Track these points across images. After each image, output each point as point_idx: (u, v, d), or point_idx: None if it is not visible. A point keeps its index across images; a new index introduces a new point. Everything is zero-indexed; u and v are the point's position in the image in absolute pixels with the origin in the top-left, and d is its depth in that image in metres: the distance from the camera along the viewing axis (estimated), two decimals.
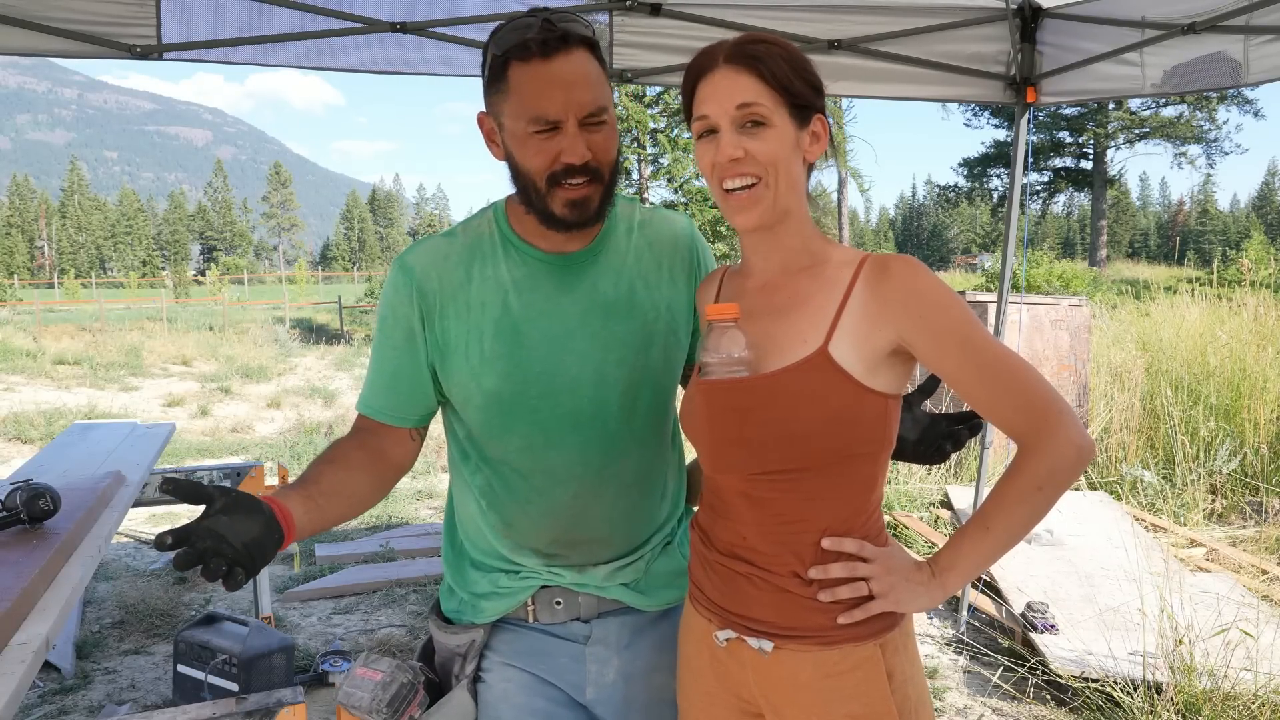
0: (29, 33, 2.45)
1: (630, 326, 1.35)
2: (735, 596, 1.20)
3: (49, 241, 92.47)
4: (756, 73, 1.12)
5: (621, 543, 1.39)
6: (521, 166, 1.26)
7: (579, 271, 1.35)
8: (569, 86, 1.21)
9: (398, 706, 1.37)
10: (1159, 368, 6.70)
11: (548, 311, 1.33)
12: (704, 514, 1.28)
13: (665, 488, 1.44)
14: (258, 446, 8.70)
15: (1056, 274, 17.25)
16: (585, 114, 1.23)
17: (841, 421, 1.11)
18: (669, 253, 1.42)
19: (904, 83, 3.20)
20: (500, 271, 1.34)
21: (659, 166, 25.82)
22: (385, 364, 1.38)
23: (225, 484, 3.53)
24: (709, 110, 1.14)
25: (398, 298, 1.34)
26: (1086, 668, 3.14)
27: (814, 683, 1.16)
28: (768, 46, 1.14)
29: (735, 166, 1.13)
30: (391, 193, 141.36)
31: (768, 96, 1.12)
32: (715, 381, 1.16)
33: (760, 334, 1.17)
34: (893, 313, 1.11)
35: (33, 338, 18.12)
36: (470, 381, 1.33)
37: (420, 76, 4.25)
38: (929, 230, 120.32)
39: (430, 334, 1.34)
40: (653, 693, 1.41)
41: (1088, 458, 1.08)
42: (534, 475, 1.35)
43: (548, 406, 1.32)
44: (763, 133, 1.13)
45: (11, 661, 1.41)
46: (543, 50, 1.20)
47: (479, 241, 1.36)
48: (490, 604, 1.39)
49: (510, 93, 1.23)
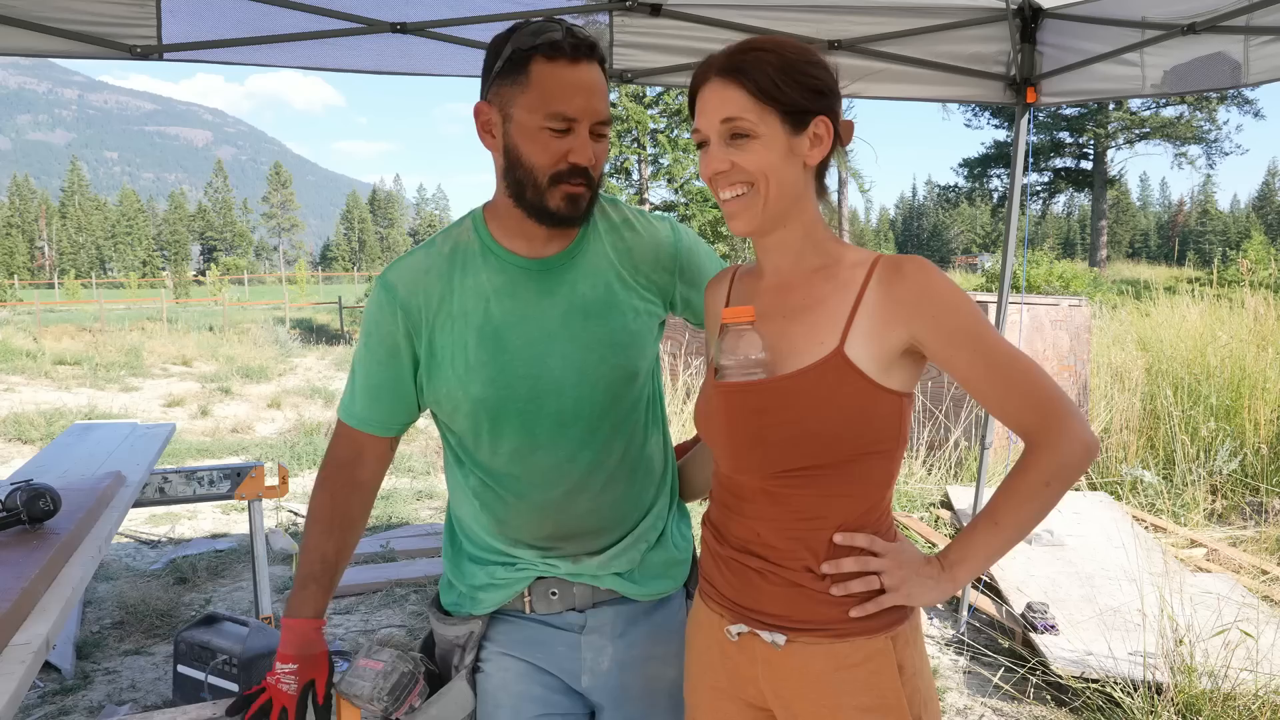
0: (29, 33, 2.45)
1: (611, 325, 1.38)
2: (748, 591, 1.22)
3: (49, 242, 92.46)
4: (741, 85, 1.14)
5: (612, 530, 1.42)
6: (525, 160, 1.29)
7: (558, 275, 1.38)
8: (589, 93, 1.27)
9: (398, 695, 1.39)
10: (1159, 368, 6.71)
11: (528, 316, 1.35)
12: (716, 510, 1.30)
13: (652, 471, 1.47)
14: (258, 447, 8.70)
15: (1057, 274, 17.26)
16: (596, 121, 1.29)
17: (859, 420, 1.13)
18: (650, 258, 1.44)
19: (904, 83, 3.20)
20: (481, 279, 1.36)
21: (659, 167, 25.83)
22: (369, 377, 1.42)
23: (225, 485, 3.53)
24: (700, 124, 1.18)
25: (381, 315, 1.39)
26: (1087, 668, 3.14)
27: (825, 675, 1.17)
28: (758, 55, 1.14)
29: (723, 178, 1.17)
30: (392, 193, 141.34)
31: (753, 109, 1.13)
32: (733, 384, 1.17)
33: (776, 335, 1.19)
34: (905, 313, 1.12)
35: (33, 338, 18.13)
36: (458, 390, 1.35)
37: (420, 77, 4.24)
38: (929, 230, 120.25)
39: (418, 348, 1.38)
40: (647, 680, 1.45)
41: (1094, 454, 1.11)
42: (525, 476, 1.38)
43: (534, 409, 1.35)
44: (749, 145, 1.14)
45: (11, 662, 1.41)
46: (572, 53, 1.26)
47: (458, 250, 1.39)
48: (487, 596, 1.43)
49: (530, 87, 1.26)
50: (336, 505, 1.44)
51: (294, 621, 1.41)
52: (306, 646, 1.41)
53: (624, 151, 24.86)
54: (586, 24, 2.89)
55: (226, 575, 4.80)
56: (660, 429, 1.51)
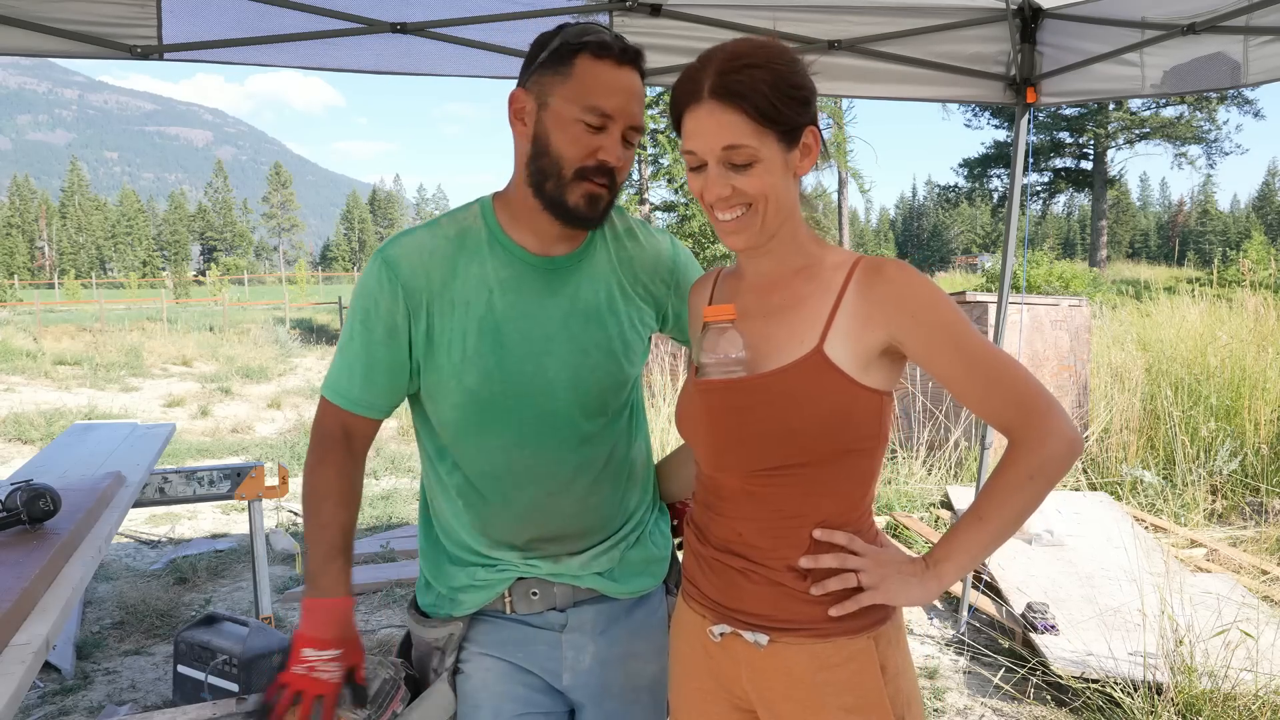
0: (29, 33, 2.45)
1: (607, 333, 1.38)
2: (730, 591, 1.22)
3: (49, 242, 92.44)
4: (742, 110, 1.10)
5: (595, 533, 1.42)
6: (553, 149, 1.28)
7: (564, 276, 1.37)
8: (629, 95, 1.29)
9: (380, 703, 1.38)
10: (1159, 368, 6.70)
11: (530, 314, 1.34)
12: (699, 511, 1.30)
13: (635, 476, 1.48)
14: (258, 447, 8.71)
15: (1057, 274, 17.28)
16: (630, 125, 1.30)
17: (839, 418, 1.13)
18: (649, 269, 1.45)
19: (904, 83, 3.20)
20: (486, 270, 1.35)
21: (659, 167, 25.82)
22: (364, 356, 1.36)
23: (225, 485, 3.54)
24: (695, 147, 1.14)
25: (381, 292, 1.33)
26: (1087, 668, 3.14)
27: (808, 676, 1.17)
28: (751, 74, 1.10)
29: (725, 201, 1.15)
30: (392, 193, 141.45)
31: (754, 135, 1.11)
32: (713, 382, 1.17)
33: (756, 335, 1.19)
34: (884, 314, 1.13)
35: (33, 338, 18.14)
36: (451, 379, 1.34)
37: (420, 77, 4.24)
38: (929, 231, 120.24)
39: (416, 331, 1.34)
40: (628, 678, 1.45)
41: (1077, 450, 1.10)
42: (509, 475, 1.37)
43: (523, 408, 1.34)
44: (751, 170, 1.13)
45: (11, 662, 1.41)
46: (620, 56, 1.28)
47: (465, 236, 1.36)
48: (468, 597, 1.41)
49: (573, 79, 1.27)
50: (344, 477, 1.38)
51: (329, 601, 1.31)
52: (346, 628, 1.32)
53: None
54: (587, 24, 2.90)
55: (226, 575, 4.80)
56: (643, 435, 1.52)
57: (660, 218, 24.84)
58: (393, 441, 8.62)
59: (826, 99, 20.83)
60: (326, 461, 1.38)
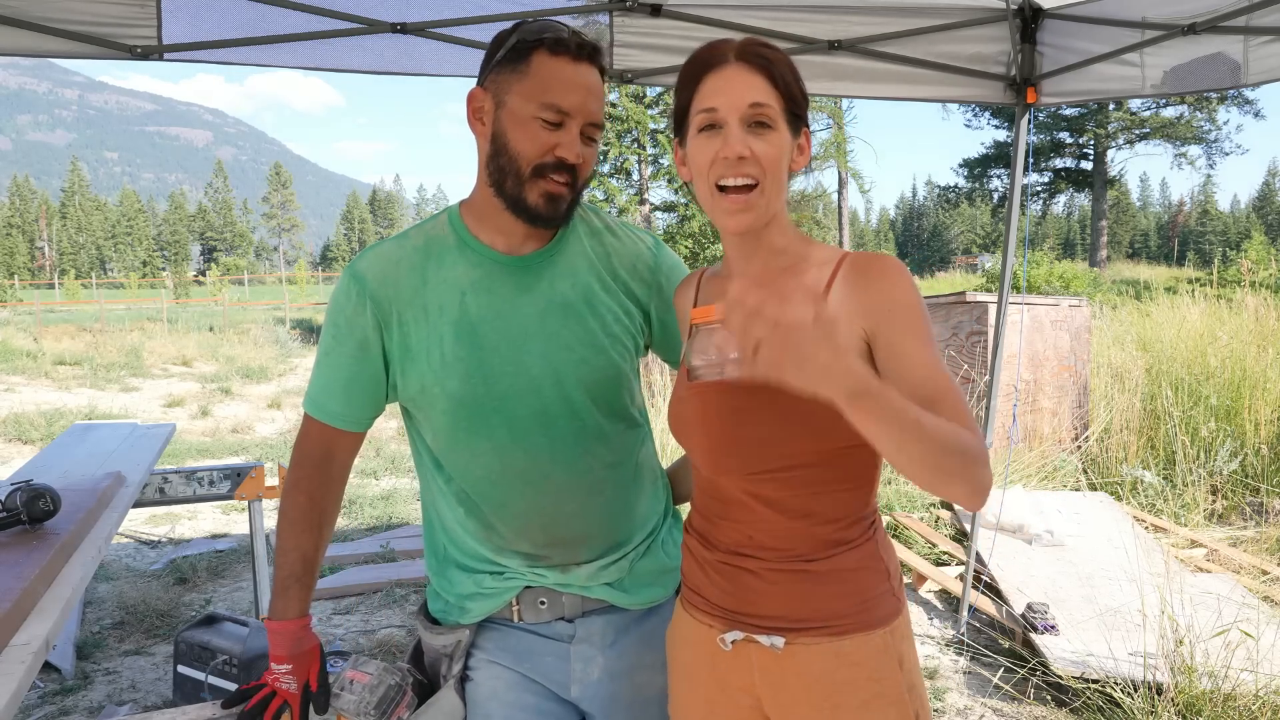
0: (29, 33, 2.44)
1: (589, 327, 1.36)
2: (742, 595, 1.20)
3: (49, 242, 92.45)
4: (768, 75, 1.14)
5: (603, 540, 1.40)
6: (511, 147, 1.28)
7: (536, 272, 1.36)
8: (586, 92, 1.28)
9: (385, 709, 1.37)
10: (1159, 368, 6.70)
11: (505, 312, 1.34)
12: (699, 518, 1.28)
13: (640, 479, 1.45)
14: (258, 447, 8.71)
15: (1057, 274, 17.28)
16: (588, 122, 1.29)
17: (835, 413, 1.11)
18: (628, 266, 1.43)
19: (904, 83, 3.20)
20: (456, 273, 1.34)
21: (659, 167, 25.82)
22: (339, 371, 1.38)
23: (225, 485, 3.54)
24: (718, 104, 1.14)
25: (350, 306, 1.35)
26: (1087, 668, 3.14)
27: (827, 674, 1.16)
28: (773, 51, 1.16)
29: (739, 165, 1.13)
30: (392, 193, 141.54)
31: (775, 100, 1.14)
32: (707, 384, 1.16)
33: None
34: (864, 307, 1.12)
35: (33, 338, 18.12)
36: (434, 385, 1.33)
37: (420, 77, 4.24)
38: (929, 231, 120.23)
39: (389, 342, 1.35)
40: (637, 690, 1.43)
41: (983, 496, 1.02)
42: (507, 478, 1.35)
43: (511, 407, 1.33)
44: (768, 135, 1.14)
45: (11, 662, 1.41)
46: (576, 51, 1.27)
47: (433, 243, 1.37)
48: (475, 604, 1.41)
49: (530, 76, 1.27)
50: (314, 504, 1.43)
51: (282, 624, 1.42)
52: (297, 645, 1.42)
53: (624, 152, 24.81)
54: (587, 24, 2.90)
55: (226, 575, 4.80)
56: (647, 437, 1.49)
57: (660, 218, 24.80)
58: (393, 441, 8.61)
59: (827, 99, 20.78)
60: (299, 487, 1.43)
